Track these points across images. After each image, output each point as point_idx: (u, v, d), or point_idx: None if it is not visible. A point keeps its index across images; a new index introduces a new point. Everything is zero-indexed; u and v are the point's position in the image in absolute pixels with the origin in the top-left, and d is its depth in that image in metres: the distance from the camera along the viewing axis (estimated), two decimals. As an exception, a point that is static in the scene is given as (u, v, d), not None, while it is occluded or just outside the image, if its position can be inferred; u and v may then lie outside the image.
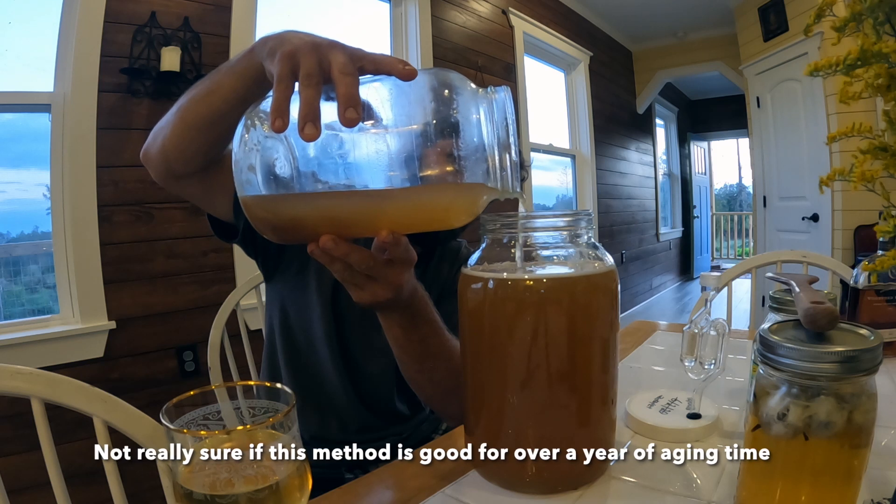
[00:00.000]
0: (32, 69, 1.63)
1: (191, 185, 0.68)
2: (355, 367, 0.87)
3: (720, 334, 0.58)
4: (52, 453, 0.63)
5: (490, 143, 0.44)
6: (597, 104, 4.29)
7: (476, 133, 0.44)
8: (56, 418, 0.64)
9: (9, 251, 1.65)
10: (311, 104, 0.40)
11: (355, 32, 2.64)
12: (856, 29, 0.42)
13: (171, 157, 0.62)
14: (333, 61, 0.41)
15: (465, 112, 0.44)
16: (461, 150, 0.43)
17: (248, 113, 0.47)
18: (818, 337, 0.40)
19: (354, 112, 0.40)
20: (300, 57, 0.42)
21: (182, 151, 0.61)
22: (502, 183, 0.45)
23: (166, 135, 0.61)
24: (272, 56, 0.45)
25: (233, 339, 1.16)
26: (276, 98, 0.41)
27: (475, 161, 0.44)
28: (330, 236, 0.46)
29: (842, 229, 3.12)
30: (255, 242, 0.80)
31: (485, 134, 0.44)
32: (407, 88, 0.44)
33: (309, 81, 0.41)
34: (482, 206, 0.48)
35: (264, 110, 0.46)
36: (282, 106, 0.41)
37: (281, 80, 0.42)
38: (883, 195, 0.43)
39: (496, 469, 0.51)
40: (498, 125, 0.44)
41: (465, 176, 0.44)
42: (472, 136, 0.44)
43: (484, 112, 0.44)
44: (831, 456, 0.37)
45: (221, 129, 0.59)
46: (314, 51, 0.42)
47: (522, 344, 0.46)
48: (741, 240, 8.33)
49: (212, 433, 0.35)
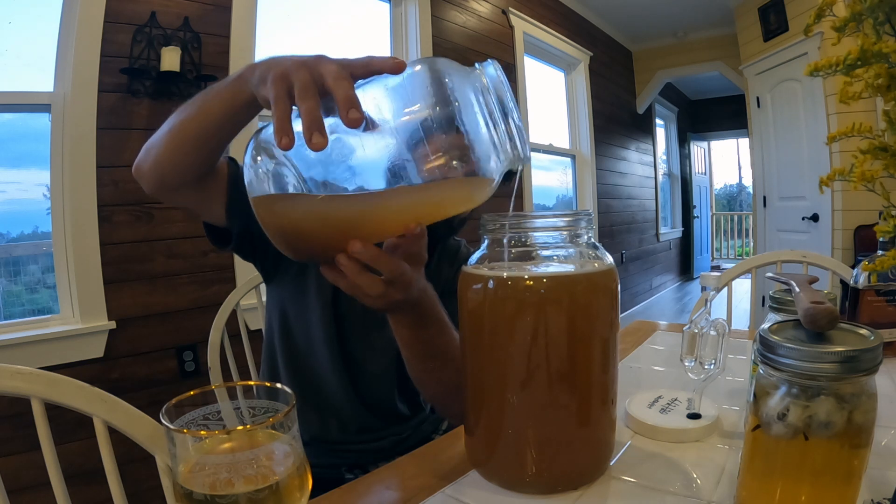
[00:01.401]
0: (32, 69, 1.63)
1: (185, 196, 0.69)
2: (356, 368, 0.87)
3: (720, 334, 0.58)
4: (52, 453, 0.63)
5: (492, 118, 0.45)
6: (597, 104, 4.29)
7: (476, 112, 0.44)
8: (56, 418, 0.64)
9: (9, 251, 1.65)
10: (312, 114, 0.40)
11: (355, 32, 2.64)
12: (856, 29, 0.42)
13: (165, 171, 0.64)
14: (325, 72, 0.42)
15: (462, 95, 0.44)
16: (468, 132, 0.44)
17: (254, 144, 0.47)
18: (818, 337, 0.40)
19: (356, 112, 0.40)
20: (292, 75, 0.43)
21: (176, 165, 0.63)
22: (512, 152, 0.46)
23: (160, 151, 0.62)
24: (264, 82, 0.46)
25: (233, 339, 1.16)
26: (278, 118, 0.42)
27: (481, 139, 0.45)
28: (358, 240, 0.46)
29: (842, 229, 3.12)
30: (252, 246, 0.80)
31: (485, 111, 0.44)
32: (401, 84, 0.45)
33: (306, 95, 0.41)
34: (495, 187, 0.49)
35: (266, 140, 0.46)
36: (284, 125, 0.41)
37: (278, 101, 0.42)
38: (883, 195, 0.43)
39: (496, 469, 0.51)
40: (494, 99, 0.44)
41: (474, 155, 0.45)
42: (473, 116, 0.44)
43: (479, 90, 0.45)
44: (831, 456, 0.37)
45: (213, 147, 0.61)
46: (304, 67, 0.43)
47: (522, 344, 0.46)
48: (741, 240, 8.34)
49: (212, 433, 0.35)
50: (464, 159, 0.45)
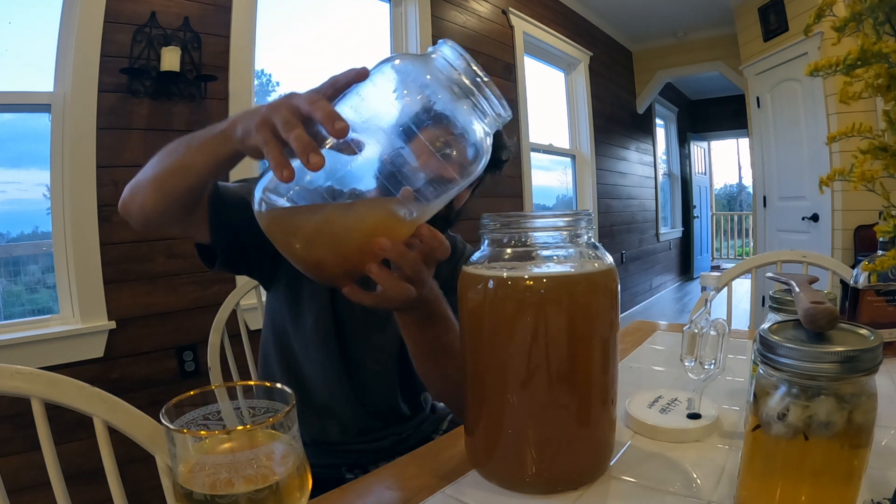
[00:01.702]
0: (32, 69, 1.63)
1: (172, 227, 0.71)
2: (356, 369, 0.87)
3: (720, 334, 0.58)
4: (52, 453, 0.63)
5: (463, 89, 0.46)
6: (597, 104, 4.29)
7: (447, 89, 0.46)
8: (56, 418, 0.64)
9: (9, 251, 1.65)
10: (302, 139, 0.42)
11: (355, 32, 2.64)
12: (856, 29, 0.42)
13: (150, 215, 0.66)
14: (298, 103, 0.45)
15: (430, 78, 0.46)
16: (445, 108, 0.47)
17: (260, 195, 0.48)
18: (818, 337, 0.40)
19: (341, 121, 0.42)
20: (272, 118, 0.45)
21: (161, 211, 0.65)
22: (493, 112, 0.48)
23: (145, 197, 0.65)
24: (248, 134, 0.49)
25: (233, 339, 1.16)
26: (273, 158, 0.44)
27: (461, 112, 0.47)
28: (385, 237, 0.47)
29: (842, 229, 3.11)
30: (244, 259, 0.80)
31: (454, 86, 0.46)
32: (373, 87, 0.47)
33: (289, 126, 0.43)
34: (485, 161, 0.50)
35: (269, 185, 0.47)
36: (281, 161, 0.43)
37: (268, 143, 0.45)
38: (883, 195, 0.43)
39: (496, 469, 0.51)
40: (461, 70, 0.46)
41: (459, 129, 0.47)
42: (445, 93, 0.46)
43: (442, 68, 0.46)
44: (831, 456, 0.37)
45: (197, 193, 0.65)
46: (279, 107, 0.45)
47: (522, 344, 0.46)
48: (741, 240, 8.33)
49: (212, 433, 0.35)
50: (450, 137, 0.47)
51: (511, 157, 0.92)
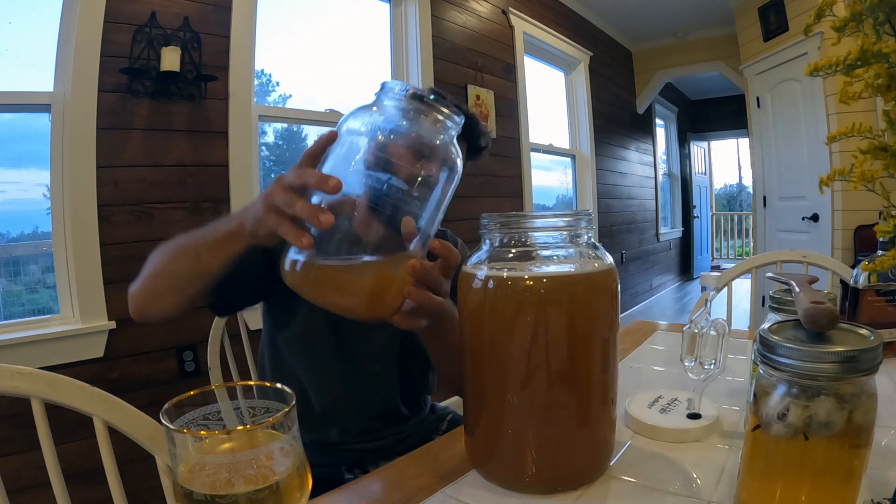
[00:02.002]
0: (32, 69, 1.63)
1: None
2: (357, 370, 0.87)
3: (720, 334, 0.58)
4: (52, 453, 0.63)
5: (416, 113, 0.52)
6: (597, 104, 4.29)
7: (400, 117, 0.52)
8: (56, 418, 0.64)
9: (9, 251, 1.65)
10: (307, 207, 0.48)
11: (355, 32, 2.64)
12: (856, 29, 0.42)
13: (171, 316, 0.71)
14: (289, 180, 0.50)
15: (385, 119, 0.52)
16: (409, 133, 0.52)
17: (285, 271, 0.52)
18: (818, 337, 0.40)
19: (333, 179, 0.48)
20: (274, 201, 0.51)
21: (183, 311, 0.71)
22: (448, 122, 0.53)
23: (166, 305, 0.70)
24: (258, 226, 0.55)
25: (233, 339, 1.16)
26: (289, 233, 0.49)
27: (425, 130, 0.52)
28: (416, 259, 0.52)
29: (842, 229, 3.11)
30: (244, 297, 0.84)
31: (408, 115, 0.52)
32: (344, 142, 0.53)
33: (291, 201, 0.49)
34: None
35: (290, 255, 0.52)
36: (296, 233, 0.49)
37: (280, 224, 0.50)
38: (883, 195, 0.43)
39: (496, 469, 0.51)
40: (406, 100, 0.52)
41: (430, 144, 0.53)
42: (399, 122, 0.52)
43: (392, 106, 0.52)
44: (831, 456, 0.37)
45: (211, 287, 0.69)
46: (276, 191, 0.51)
47: (522, 344, 0.46)
48: (741, 240, 8.33)
49: (212, 433, 0.35)
50: (424, 151, 0.52)
51: (489, 143, 0.95)
